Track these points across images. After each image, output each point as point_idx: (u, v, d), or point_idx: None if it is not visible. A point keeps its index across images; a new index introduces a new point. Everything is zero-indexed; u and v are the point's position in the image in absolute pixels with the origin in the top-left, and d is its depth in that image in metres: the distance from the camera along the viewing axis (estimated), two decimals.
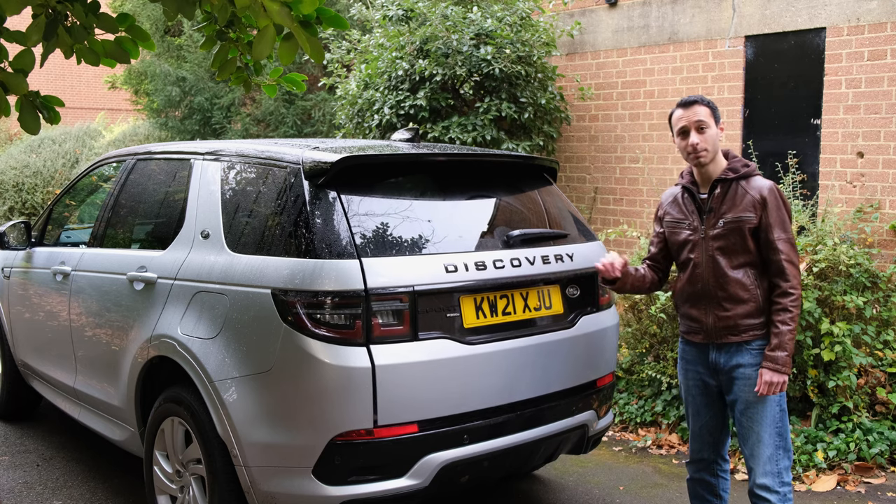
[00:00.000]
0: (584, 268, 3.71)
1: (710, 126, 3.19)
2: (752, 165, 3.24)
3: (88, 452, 5.03)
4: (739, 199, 3.16)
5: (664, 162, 6.94)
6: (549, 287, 3.59)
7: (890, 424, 4.81)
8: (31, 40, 2.54)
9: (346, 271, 3.07)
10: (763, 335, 3.15)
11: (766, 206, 3.12)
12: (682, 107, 3.24)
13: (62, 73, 18.92)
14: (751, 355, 3.16)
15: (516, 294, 3.46)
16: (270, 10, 2.33)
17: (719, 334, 3.21)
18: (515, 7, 6.98)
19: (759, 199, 3.13)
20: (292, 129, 9.83)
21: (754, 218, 3.12)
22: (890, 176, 5.61)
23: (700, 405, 3.38)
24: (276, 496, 3.15)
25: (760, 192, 3.14)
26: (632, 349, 5.73)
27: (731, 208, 3.16)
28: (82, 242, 4.87)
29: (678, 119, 3.24)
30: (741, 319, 3.15)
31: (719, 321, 3.19)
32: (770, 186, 3.16)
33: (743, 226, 3.13)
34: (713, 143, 3.20)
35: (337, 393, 3.02)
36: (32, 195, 11.84)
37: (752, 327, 3.15)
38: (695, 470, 3.48)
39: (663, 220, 3.41)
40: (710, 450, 3.42)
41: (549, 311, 3.57)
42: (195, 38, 10.58)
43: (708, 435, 3.40)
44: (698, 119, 3.18)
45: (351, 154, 3.31)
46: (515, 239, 3.53)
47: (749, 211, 3.13)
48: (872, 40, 5.63)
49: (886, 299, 5.07)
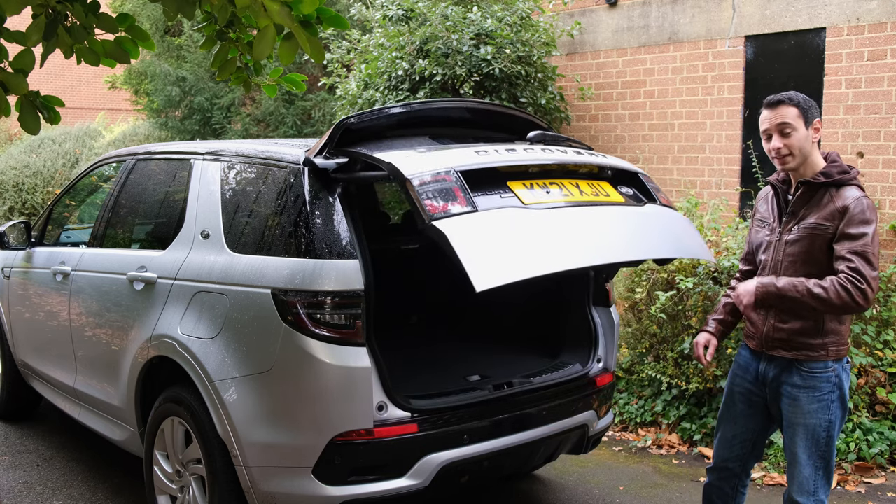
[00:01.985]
0: (626, 168, 3.46)
1: (798, 129, 2.91)
2: (850, 172, 2.94)
3: (88, 452, 5.03)
4: (823, 206, 2.90)
5: (664, 162, 6.94)
6: (599, 182, 3.33)
7: (890, 424, 4.81)
8: (31, 40, 2.54)
9: (346, 271, 3.07)
10: (817, 357, 2.93)
11: (845, 216, 2.84)
12: (767, 107, 2.98)
13: (62, 73, 18.91)
14: (800, 376, 2.96)
15: (566, 183, 3.20)
16: (271, 10, 2.33)
17: (771, 345, 3.01)
18: (515, 7, 6.98)
19: (840, 209, 2.85)
20: (292, 129, 9.83)
21: (831, 228, 2.86)
22: (890, 176, 5.61)
23: (740, 413, 3.18)
24: (276, 496, 3.15)
25: (845, 202, 2.85)
26: (632, 349, 5.73)
27: (811, 214, 2.92)
28: (82, 242, 4.87)
29: (763, 120, 2.99)
30: (796, 336, 2.94)
31: (774, 332, 2.99)
32: (858, 198, 2.86)
33: (818, 236, 2.88)
34: (800, 146, 2.92)
35: (337, 393, 3.02)
36: (32, 195, 11.84)
37: (807, 346, 2.93)
38: (717, 479, 3.28)
39: (755, 217, 3.21)
40: (738, 462, 3.23)
41: (609, 198, 3.27)
42: (195, 38, 10.58)
43: (739, 446, 3.20)
44: (782, 122, 2.91)
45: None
46: (535, 138, 3.47)
47: (827, 220, 2.87)
48: (872, 40, 5.63)
49: (886, 299, 5.07)
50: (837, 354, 2.96)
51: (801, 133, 2.92)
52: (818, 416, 2.95)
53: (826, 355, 2.94)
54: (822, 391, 2.95)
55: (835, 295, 2.78)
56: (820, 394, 2.95)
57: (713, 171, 6.57)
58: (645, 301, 5.50)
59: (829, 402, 2.95)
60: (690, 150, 6.77)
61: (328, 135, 3.25)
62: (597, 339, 3.87)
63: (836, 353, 2.95)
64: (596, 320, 3.90)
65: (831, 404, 2.96)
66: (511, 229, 2.86)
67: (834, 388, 2.96)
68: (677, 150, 6.84)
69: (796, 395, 2.97)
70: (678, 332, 5.31)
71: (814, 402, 2.95)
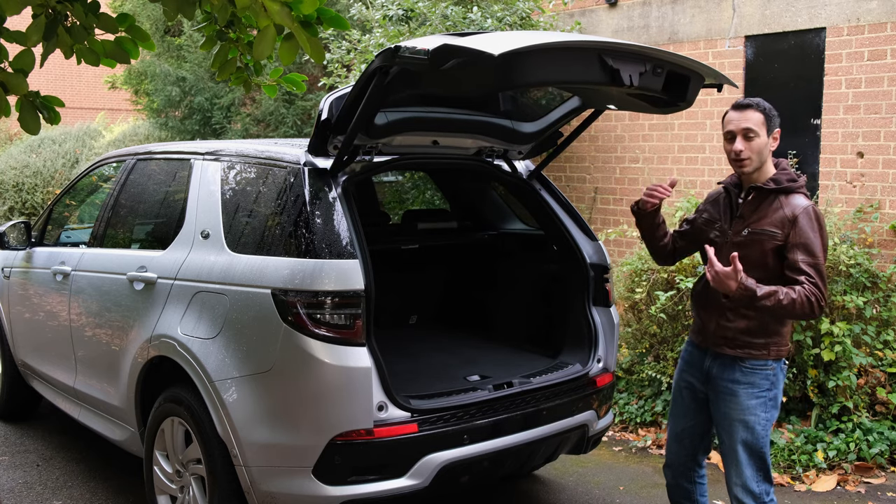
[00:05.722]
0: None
1: (760, 135, 3.01)
2: (798, 181, 3.06)
3: (88, 452, 5.03)
4: (772, 212, 3.00)
5: (664, 162, 6.94)
6: None
7: (890, 424, 4.81)
8: (31, 40, 2.54)
9: (346, 271, 3.07)
10: (759, 356, 3.05)
11: (796, 225, 2.94)
12: (736, 109, 3.06)
13: (62, 73, 18.90)
14: (742, 373, 3.07)
15: None
16: (271, 10, 2.33)
17: (717, 343, 3.12)
18: (515, 7, 6.98)
19: (790, 217, 2.96)
20: (292, 129, 9.81)
21: (780, 235, 2.96)
22: (890, 176, 5.61)
23: (687, 408, 3.30)
24: (276, 496, 3.15)
25: (794, 210, 2.96)
26: (632, 349, 5.73)
27: (760, 220, 3.02)
28: (82, 242, 4.87)
29: (728, 121, 3.06)
30: (740, 334, 3.05)
31: (719, 330, 3.10)
32: (806, 207, 2.97)
33: (766, 240, 2.98)
34: (759, 151, 3.02)
35: (337, 393, 3.02)
36: (32, 195, 11.83)
37: (750, 345, 3.05)
38: (672, 476, 3.40)
39: (700, 216, 3.30)
40: (688, 455, 3.35)
41: None
42: (195, 38, 10.56)
43: (688, 440, 3.32)
44: (747, 126, 3.00)
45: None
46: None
47: (776, 227, 2.97)
48: (872, 40, 5.63)
49: (886, 299, 5.07)
50: (778, 354, 3.08)
51: (762, 139, 3.02)
52: (756, 413, 3.06)
53: (768, 354, 3.06)
54: (761, 388, 3.06)
55: (799, 306, 2.87)
56: (758, 390, 3.06)
57: (713, 171, 6.57)
58: (645, 301, 5.49)
59: (767, 399, 3.08)
60: (690, 150, 6.77)
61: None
62: (597, 339, 3.87)
63: (777, 353, 3.08)
64: (596, 320, 3.90)
65: (768, 402, 3.08)
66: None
67: (772, 385, 3.08)
68: (677, 150, 6.84)
69: (735, 391, 3.08)
70: (678, 332, 5.31)
71: (752, 398, 3.06)
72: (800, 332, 4.84)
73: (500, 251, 4.73)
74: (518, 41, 2.62)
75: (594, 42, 3.05)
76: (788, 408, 5.09)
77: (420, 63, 2.69)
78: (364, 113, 3.09)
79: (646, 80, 2.99)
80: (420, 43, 2.72)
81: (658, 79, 3.05)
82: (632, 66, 2.93)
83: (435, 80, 3.00)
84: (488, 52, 2.52)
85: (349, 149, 3.28)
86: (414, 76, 2.95)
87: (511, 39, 2.64)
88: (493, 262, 4.72)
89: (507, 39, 2.63)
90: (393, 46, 2.76)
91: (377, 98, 3.02)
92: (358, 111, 3.08)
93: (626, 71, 2.90)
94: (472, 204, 5.01)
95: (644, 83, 2.99)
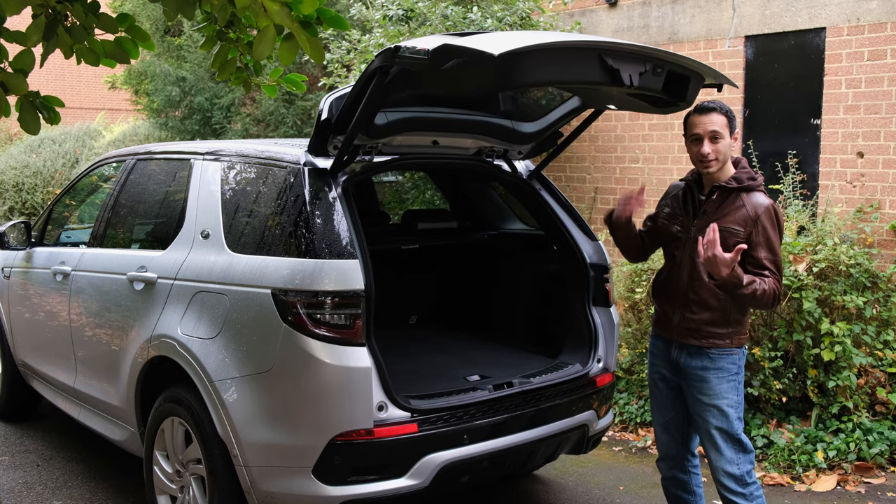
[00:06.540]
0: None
1: (724, 137, 3.13)
2: (758, 179, 3.19)
3: (88, 452, 5.03)
4: (734, 210, 3.13)
5: (664, 162, 6.94)
6: None
7: (890, 424, 4.81)
8: (31, 40, 2.54)
9: (346, 271, 3.07)
10: (724, 345, 3.18)
11: (758, 224, 3.09)
12: (699, 113, 3.15)
13: (62, 73, 18.90)
14: (710, 359, 3.19)
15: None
16: (271, 10, 2.33)
17: (682, 334, 3.24)
18: (515, 7, 6.98)
19: (752, 215, 3.10)
20: (292, 129, 9.81)
21: (742, 233, 3.09)
22: (890, 176, 5.61)
23: (666, 400, 3.42)
24: (276, 496, 3.15)
25: (756, 209, 3.11)
26: (632, 349, 5.73)
27: (723, 217, 3.13)
28: (82, 242, 4.87)
29: (694, 124, 3.16)
30: (705, 325, 3.18)
31: (684, 322, 3.22)
32: (767, 206, 3.12)
33: (728, 237, 3.07)
34: (724, 153, 3.15)
35: (337, 393, 3.02)
36: (32, 195, 11.83)
37: (715, 335, 3.18)
38: (667, 468, 3.51)
39: (662, 211, 3.42)
40: (679, 445, 3.44)
41: None
42: (195, 38, 10.56)
43: (675, 429, 3.43)
44: (714, 129, 3.11)
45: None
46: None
47: (739, 225, 3.10)
48: (872, 40, 5.63)
49: (886, 299, 5.07)
50: (739, 342, 3.23)
51: (726, 141, 3.15)
52: (728, 396, 3.19)
53: (731, 343, 3.20)
54: (730, 371, 3.20)
55: (768, 297, 3.03)
56: (728, 374, 3.20)
57: None
58: (645, 301, 5.50)
59: (736, 383, 3.22)
60: None
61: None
62: (597, 339, 3.88)
63: (739, 342, 3.23)
64: (596, 320, 3.90)
65: (738, 385, 3.23)
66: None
67: (739, 370, 3.23)
68: (677, 150, 6.83)
69: (706, 377, 3.20)
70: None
71: (724, 382, 3.19)
72: (800, 332, 4.84)
73: (500, 251, 4.73)
74: (518, 41, 2.63)
75: (594, 42, 3.07)
76: (788, 408, 5.09)
77: (420, 63, 2.70)
78: (364, 113, 3.09)
79: (646, 79, 3.00)
80: (420, 43, 2.72)
81: (658, 79, 3.06)
82: (632, 66, 2.94)
83: (435, 80, 3.00)
84: (488, 52, 2.53)
85: (349, 149, 3.28)
86: (414, 76, 2.96)
87: (511, 39, 2.64)
88: (493, 262, 4.72)
89: (507, 39, 2.64)
90: (393, 46, 2.77)
91: (377, 98, 3.03)
92: (358, 111, 3.08)
93: (626, 71, 2.91)
94: (472, 204, 5.01)
95: (644, 83, 3.00)
